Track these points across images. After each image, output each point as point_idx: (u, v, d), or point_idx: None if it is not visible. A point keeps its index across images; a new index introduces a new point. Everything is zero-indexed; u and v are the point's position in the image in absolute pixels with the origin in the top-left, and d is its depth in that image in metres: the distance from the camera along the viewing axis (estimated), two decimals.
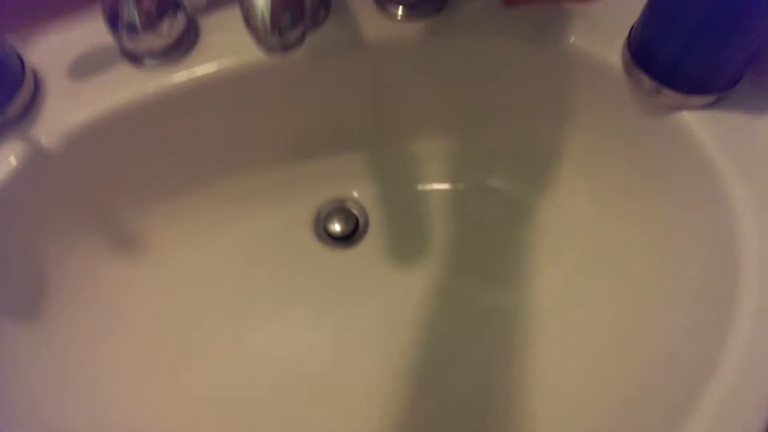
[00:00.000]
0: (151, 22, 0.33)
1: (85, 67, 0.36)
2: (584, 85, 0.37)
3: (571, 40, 0.35)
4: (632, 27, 0.33)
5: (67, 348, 0.37)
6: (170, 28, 0.34)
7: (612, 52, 0.34)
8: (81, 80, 0.36)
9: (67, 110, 0.35)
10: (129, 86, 0.35)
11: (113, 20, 0.33)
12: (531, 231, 0.43)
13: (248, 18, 0.25)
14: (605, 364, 0.36)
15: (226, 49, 0.36)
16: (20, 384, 0.35)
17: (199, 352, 0.41)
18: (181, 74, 0.35)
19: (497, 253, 0.44)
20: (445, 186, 0.46)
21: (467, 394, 0.39)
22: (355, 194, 0.47)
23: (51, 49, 0.37)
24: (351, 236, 0.46)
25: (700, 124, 0.32)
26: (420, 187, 0.46)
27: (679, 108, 0.33)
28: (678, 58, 0.30)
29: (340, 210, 0.47)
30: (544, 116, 0.40)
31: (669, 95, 0.32)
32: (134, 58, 0.36)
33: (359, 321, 0.43)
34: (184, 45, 0.35)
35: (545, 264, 0.42)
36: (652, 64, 0.32)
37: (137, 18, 0.33)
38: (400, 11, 0.36)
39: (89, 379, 0.38)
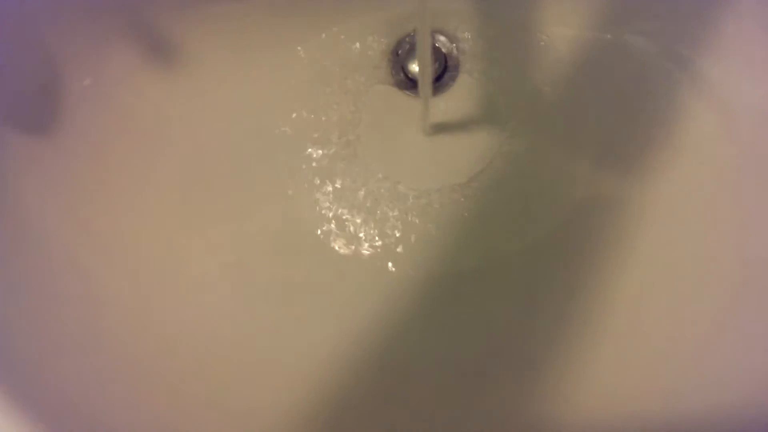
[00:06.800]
0: None
1: None
2: None
3: None
4: None
5: (86, 170, 0.32)
6: None
7: None
8: None
9: None
10: None
11: None
12: (663, 103, 0.34)
13: None
14: None
15: None
16: (25, 207, 0.30)
17: (241, 197, 0.35)
18: None
19: (616, 128, 0.35)
20: (566, 31, 0.35)
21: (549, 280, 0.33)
22: (447, 27, 0.37)
23: None
24: (435, 81, 0.37)
25: None
26: (534, 32, 0.36)
27: None
28: None
29: None
30: None
31: None
32: None
33: (428, 178, 0.36)
34: None
35: (670, 157, 0.33)
36: None
37: None
38: None
39: (108, 213, 0.32)
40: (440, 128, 0.37)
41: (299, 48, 0.36)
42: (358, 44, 0.37)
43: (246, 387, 0.31)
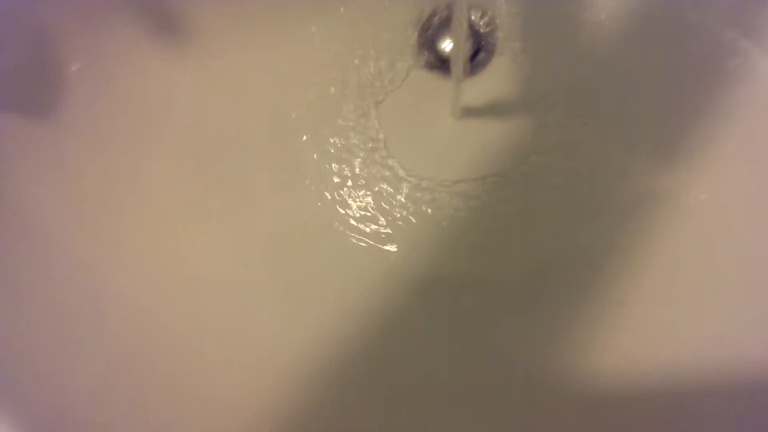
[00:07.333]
0: None
1: None
2: None
3: None
4: None
5: (85, 157, 0.30)
6: None
7: None
8: None
9: None
10: None
11: None
12: (732, 86, 0.30)
13: None
14: None
15: None
16: (21, 196, 0.28)
17: (251, 187, 0.33)
18: None
19: (676, 116, 0.31)
20: (617, 3, 0.32)
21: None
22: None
23: None
24: (469, 61, 0.33)
25: None
26: (581, 5, 0.32)
27: None
28: None
29: None
30: None
31: None
32: None
33: (456, 170, 0.32)
34: None
35: (739, 149, 0.29)
36: None
37: None
38: None
39: (109, 203, 0.30)
40: (472, 115, 0.33)
41: (313, 27, 0.33)
42: (380, 20, 0.33)
43: (249, 384, 0.29)
